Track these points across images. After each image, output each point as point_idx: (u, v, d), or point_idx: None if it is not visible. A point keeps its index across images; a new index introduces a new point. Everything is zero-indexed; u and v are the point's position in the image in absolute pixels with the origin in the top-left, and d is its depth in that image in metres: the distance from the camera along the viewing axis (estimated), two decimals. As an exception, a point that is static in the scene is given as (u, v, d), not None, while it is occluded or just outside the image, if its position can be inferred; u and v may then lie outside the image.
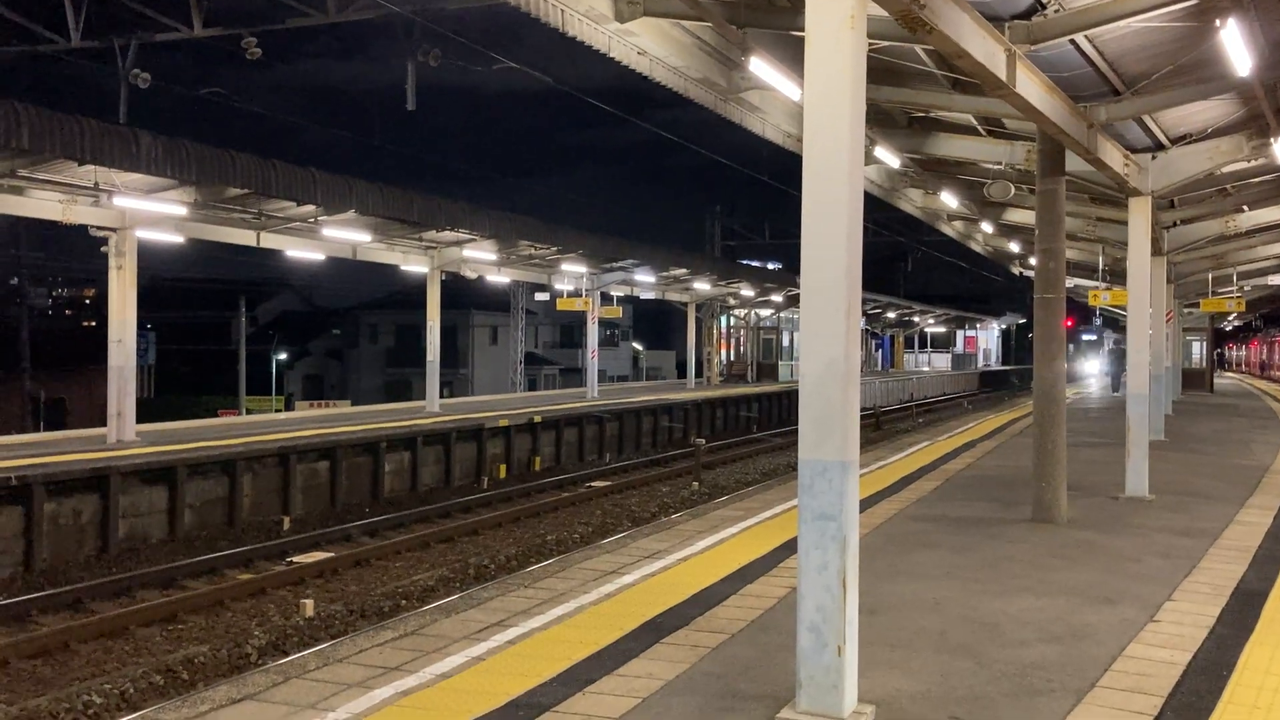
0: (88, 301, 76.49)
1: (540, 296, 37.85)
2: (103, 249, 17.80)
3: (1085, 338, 76.32)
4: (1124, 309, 17.69)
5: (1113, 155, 11.65)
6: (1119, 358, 39.34)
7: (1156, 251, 18.03)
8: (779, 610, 7.04)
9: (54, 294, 79.36)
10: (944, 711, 5.27)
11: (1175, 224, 19.67)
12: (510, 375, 46.45)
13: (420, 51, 14.71)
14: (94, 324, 57.92)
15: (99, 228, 17.45)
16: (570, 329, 63.82)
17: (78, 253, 44.41)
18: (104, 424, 18.44)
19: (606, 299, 34.58)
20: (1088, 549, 9.31)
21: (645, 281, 34.53)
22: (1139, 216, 12.95)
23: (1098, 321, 66.74)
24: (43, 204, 16.33)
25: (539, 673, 5.75)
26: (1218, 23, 8.72)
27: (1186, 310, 36.30)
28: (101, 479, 14.56)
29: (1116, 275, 25.61)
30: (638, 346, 73.45)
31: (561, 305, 31.91)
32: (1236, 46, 8.98)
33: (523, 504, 19.26)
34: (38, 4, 15.07)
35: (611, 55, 10.49)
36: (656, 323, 72.84)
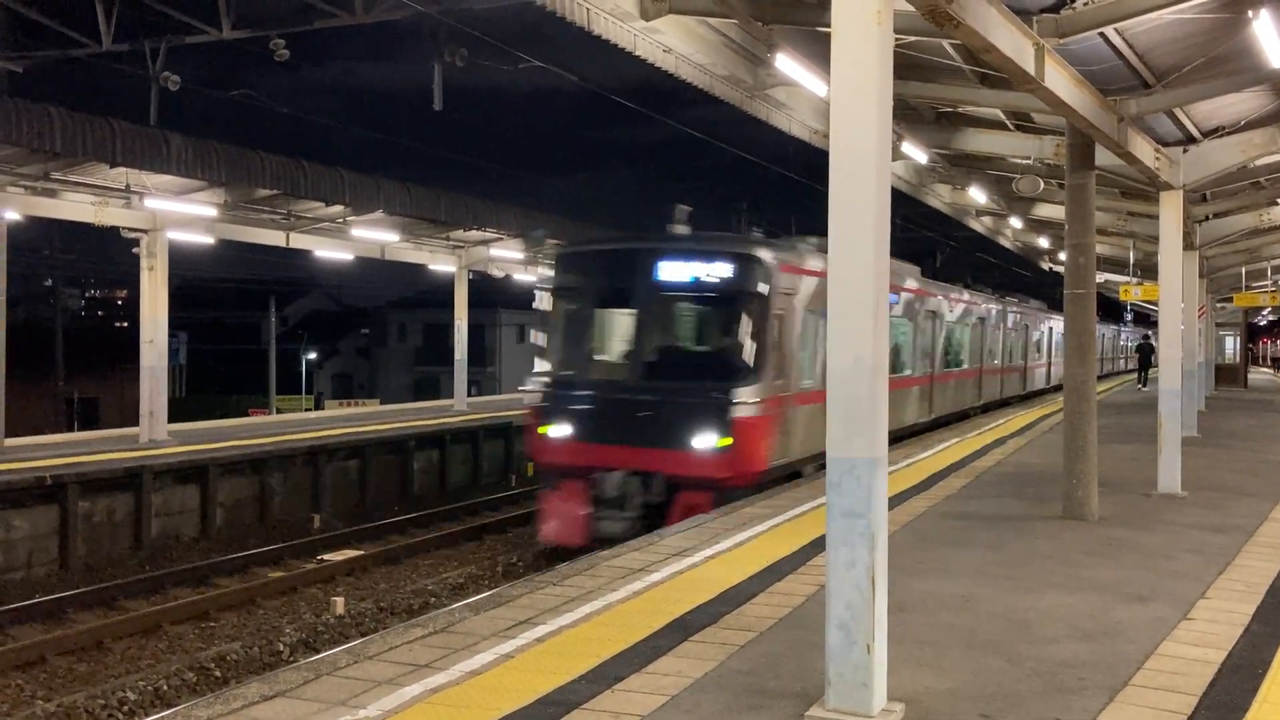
0: (120, 303, 77.32)
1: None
2: (134, 250, 17.99)
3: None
4: (1155, 304, 17.52)
5: (1143, 149, 11.53)
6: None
7: (1188, 246, 17.84)
8: (808, 608, 7.02)
9: (86, 295, 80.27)
10: (974, 709, 5.24)
11: (1207, 218, 19.45)
12: (538, 373, 46.41)
13: (447, 51, 14.75)
14: (126, 325, 58.54)
15: (131, 229, 17.63)
16: (597, 326, 63.73)
17: (109, 254, 44.90)
18: (136, 424, 18.62)
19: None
20: (1119, 546, 9.23)
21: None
22: (1170, 211, 12.82)
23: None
24: (76, 206, 16.52)
25: (568, 670, 5.76)
26: (1250, 14, 8.62)
27: (1220, 305, 35.93)
28: (134, 478, 14.72)
29: (1148, 270, 25.42)
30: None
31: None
32: (1269, 37, 8.87)
33: (551, 502, 19.26)
34: (70, 8, 15.23)
35: (637, 53, 10.49)
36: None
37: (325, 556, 14.48)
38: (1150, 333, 51.29)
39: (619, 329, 13.57)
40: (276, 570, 13.93)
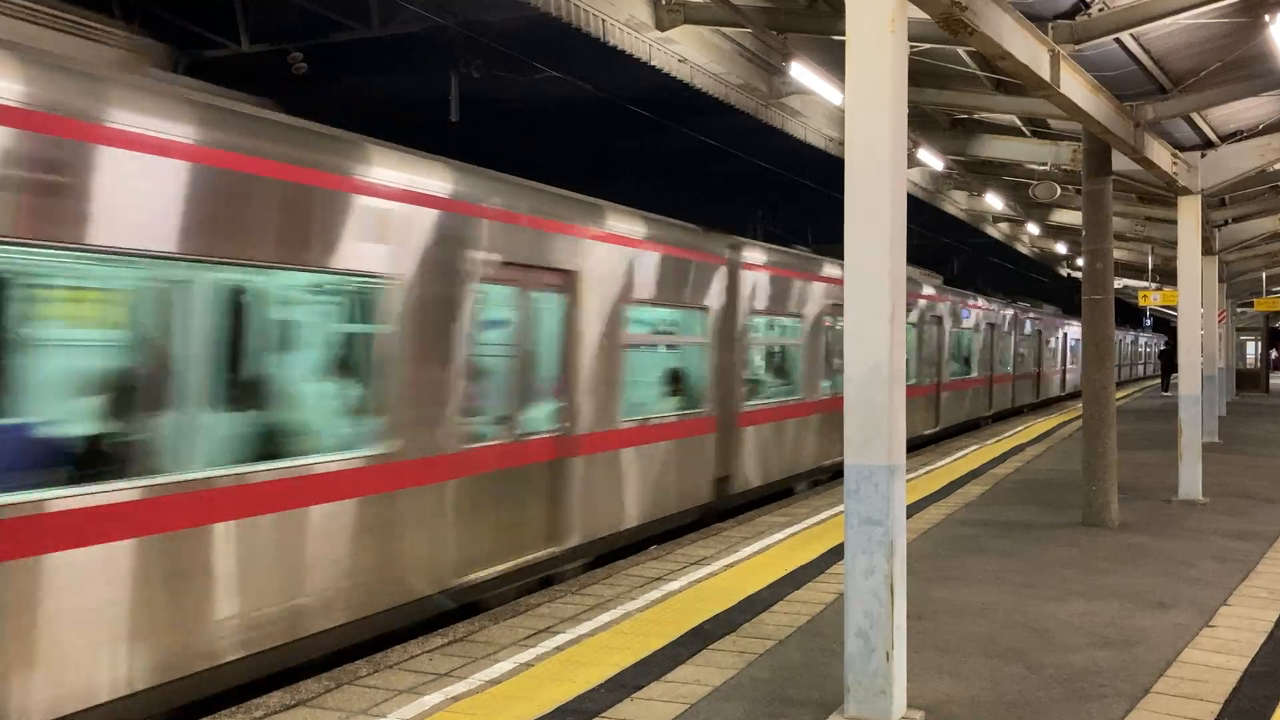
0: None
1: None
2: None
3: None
4: (1175, 309, 17.46)
5: (1160, 154, 11.50)
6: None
7: (1207, 250, 17.78)
8: (826, 616, 7.02)
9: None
10: (994, 717, 5.23)
11: (1227, 222, 19.37)
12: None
13: (463, 63, 14.83)
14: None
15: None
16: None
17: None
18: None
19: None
20: (1140, 552, 9.19)
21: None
22: (1188, 215, 12.78)
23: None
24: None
25: (587, 679, 5.78)
26: (1266, 18, 8.61)
27: (1240, 310, 35.73)
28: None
29: (1167, 275, 25.30)
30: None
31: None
32: (1286, 42, 8.84)
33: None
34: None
35: (653, 63, 10.54)
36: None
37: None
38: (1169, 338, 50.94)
39: None
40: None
